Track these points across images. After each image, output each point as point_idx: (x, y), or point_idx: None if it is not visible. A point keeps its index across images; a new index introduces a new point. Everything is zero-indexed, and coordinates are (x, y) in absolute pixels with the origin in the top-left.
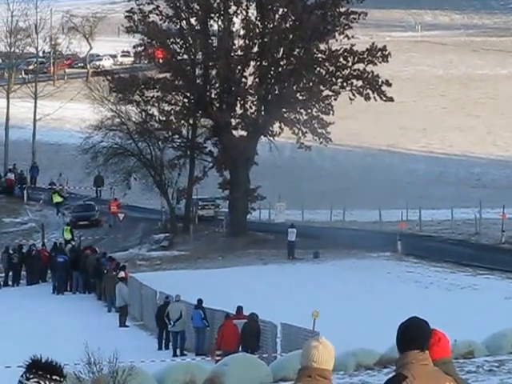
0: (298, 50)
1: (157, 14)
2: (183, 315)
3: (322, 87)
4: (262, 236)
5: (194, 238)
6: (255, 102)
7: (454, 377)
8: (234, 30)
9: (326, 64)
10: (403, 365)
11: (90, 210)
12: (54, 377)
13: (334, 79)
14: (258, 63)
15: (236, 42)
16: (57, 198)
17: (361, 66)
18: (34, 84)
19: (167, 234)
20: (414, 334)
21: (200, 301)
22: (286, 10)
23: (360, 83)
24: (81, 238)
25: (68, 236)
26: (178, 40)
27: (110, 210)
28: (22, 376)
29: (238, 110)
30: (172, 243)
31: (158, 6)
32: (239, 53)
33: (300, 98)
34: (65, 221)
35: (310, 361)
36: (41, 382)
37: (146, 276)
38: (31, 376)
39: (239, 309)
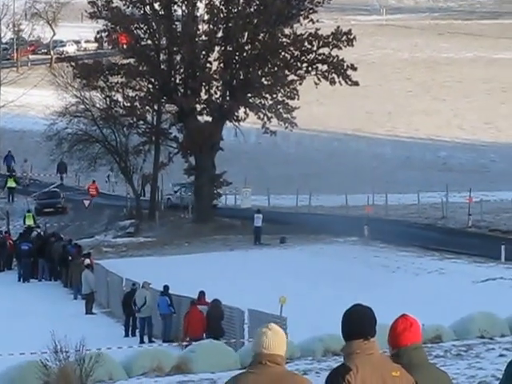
0: (262, 34)
1: (120, 0)
2: (147, 301)
3: (286, 72)
4: (228, 222)
5: (160, 225)
6: (220, 88)
7: (418, 363)
8: (198, 14)
9: (291, 48)
10: (348, 355)
11: (56, 197)
12: None
13: (298, 64)
14: (223, 48)
15: (200, 27)
16: (11, 183)
17: (326, 50)
18: None
19: (133, 221)
20: (358, 323)
21: (166, 287)
22: None
23: (325, 67)
24: (46, 225)
25: (30, 222)
26: (142, 25)
27: (89, 193)
28: None
29: (203, 96)
30: (138, 230)
31: None
32: (203, 38)
33: (265, 82)
34: (30, 207)
35: (260, 347)
36: None
37: (112, 263)
38: None
39: (201, 294)
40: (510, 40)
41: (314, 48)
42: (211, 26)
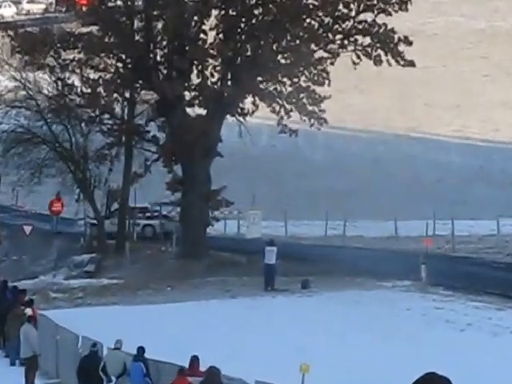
0: None
1: None
2: (127, 368)
3: (313, 46)
4: (228, 257)
5: (132, 261)
6: (218, 68)
7: None
8: None
9: (320, 14)
10: None
11: None
12: None
13: (330, 35)
14: (223, 13)
15: None
16: None
17: (369, 16)
18: None
19: (93, 255)
20: None
21: (141, 350)
22: None
23: (367, 41)
24: None
25: None
26: None
27: (53, 211)
28: None
29: (194, 79)
30: (100, 268)
31: None
32: None
33: (282, 61)
34: None
35: None
36: None
37: (63, 314)
38: None
39: (194, 360)
40: None
41: (353, 13)
42: None
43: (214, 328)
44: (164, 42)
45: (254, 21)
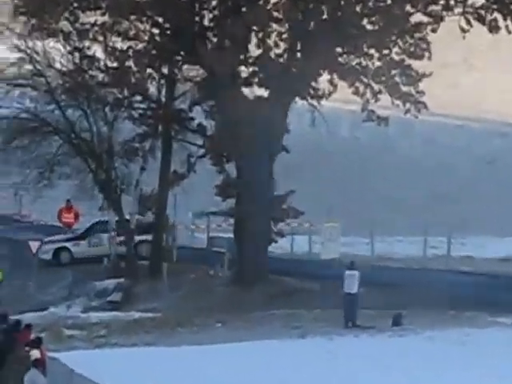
0: None
1: None
2: None
3: (409, 8)
4: (295, 284)
5: (171, 288)
6: (285, 36)
7: None
8: None
9: None
10: None
11: None
12: None
13: None
14: None
15: None
16: None
17: None
18: None
19: (120, 280)
20: None
21: None
22: None
23: (481, 0)
24: None
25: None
26: None
27: (64, 222)
28: None
29: (253, 51)
30: (129, 297)
31: None
32: None
33: (369, 27)
34: None
35: None
36: None
37: (80, 357)
38: None
39: None
40: None
41: None
42: None
43: (279, 376)
44: (214, 2)
45: None
